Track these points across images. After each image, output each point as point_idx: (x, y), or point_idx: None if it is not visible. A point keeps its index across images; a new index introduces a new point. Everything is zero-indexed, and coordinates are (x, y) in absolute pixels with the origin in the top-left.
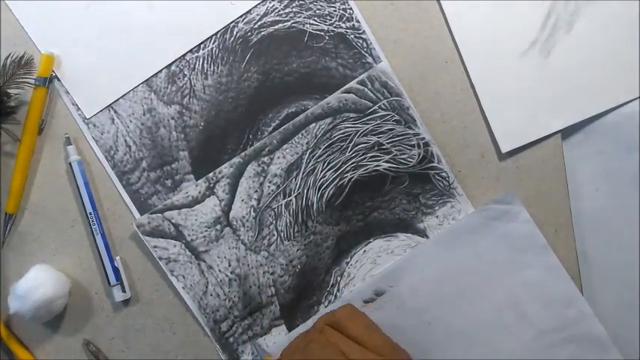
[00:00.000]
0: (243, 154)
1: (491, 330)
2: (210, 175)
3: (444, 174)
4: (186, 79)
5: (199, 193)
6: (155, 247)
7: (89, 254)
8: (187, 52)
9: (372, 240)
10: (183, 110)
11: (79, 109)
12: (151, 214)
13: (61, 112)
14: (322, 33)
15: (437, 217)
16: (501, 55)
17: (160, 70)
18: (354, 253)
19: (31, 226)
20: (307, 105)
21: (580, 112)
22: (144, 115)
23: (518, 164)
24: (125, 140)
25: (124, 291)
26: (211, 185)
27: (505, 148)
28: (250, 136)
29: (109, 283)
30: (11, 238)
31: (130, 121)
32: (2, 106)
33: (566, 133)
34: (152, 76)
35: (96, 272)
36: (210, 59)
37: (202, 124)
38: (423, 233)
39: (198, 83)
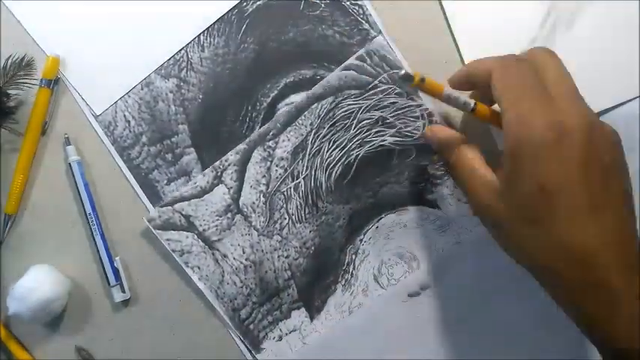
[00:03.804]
0: (247, 140)
1: (536, 328)
2: (217, 163)
3: None
4: (182, 52)
5: (207, 182)
6: (168, 240)
7: (89, 255)
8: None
9: (383, 215)
10: (181, 83)
11: (87, 104)
12: (161, 207)
13: (63, 113)
14: (318, 1)
15: (447, 186)
16: (500, 53)
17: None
18: (367, 230)
19: (30, 226)
20: (305, 74)
21: None
22: (142, 89)
23: None
24: (124, 115)
25: (123, 291)
26: (219, 174)
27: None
28: (249, 107)
29: (109, 284)
30: (10, 239)
31: (129, 96)
32: (2, 106)
33: None
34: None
35: (95, 273)
36: (206, 31)
37: (201, 96)
38: (434, 204)
39: (195, 56)
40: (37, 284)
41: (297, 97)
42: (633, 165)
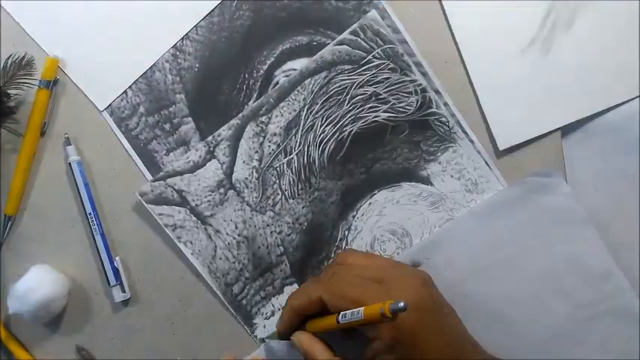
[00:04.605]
0: (240, 115)
1: (528, 303)
2: (210, 138)
3: (443, 119)
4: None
5: (200, 157)
6: (160, 214)
7: (89, 255)
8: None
9: (376, 192)
10: (177, 53)
11: (90, 101)
12: (153, 181)
13: (63, 112)
14: None
15: (439, 163)
16: (500, 52)
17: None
18: (360, 206)
19: (30, 226)
20: (301, 40)
21: (579, 110)
22: None
23: (517, 164)
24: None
25: (123, 291)
26: (211, 149)
27: (502, 145)
28: (246, 75)
29: (109, 284)
30: (11, 239)
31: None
32: (2, 106)
33: (566, 132)
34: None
35: (95, 273)
36: None
37: (197, 65)
38: (427, 181)
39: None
40: (37, 284)
41: (294, 64)
42: (633, 165)
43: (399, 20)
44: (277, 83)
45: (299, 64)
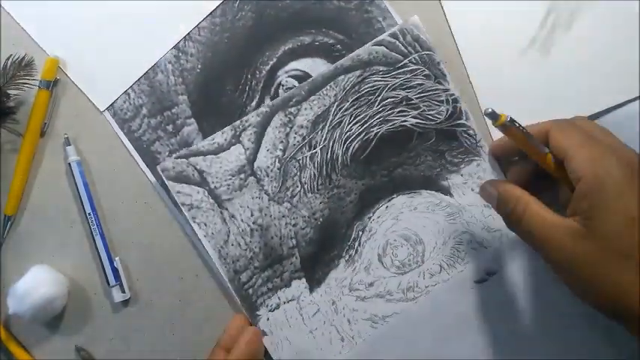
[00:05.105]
0: (270, 103)
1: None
2: (237, 123)
3: (471, 131)
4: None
5: (225, 140)
6: (178, 192)
7: (88, 255)
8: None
9: (395, 196)
10: (180, 54)
11: (90, 101)
12: (177, 158)
13: (63, 113)
14: None
15: (462, 175)
16: (500, 53)
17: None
18: (377, 209)
19: (30, 226)
20: (304, 40)
21: (579, 111)
22: None
23: None
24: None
25: (123, 291)
26: (237, 133)
27: None
28: (249, 76)
29: (109, 284)
30: (10, 239)
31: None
32: (2, 106)
33: None
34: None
35: (95, 273)
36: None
37: (199, 66)
38: (446, 191)
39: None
40: (36, 284)
41: (297, 64)
42: None
43: (399, 20)
44: (280, 84)
45: (302, 64)
